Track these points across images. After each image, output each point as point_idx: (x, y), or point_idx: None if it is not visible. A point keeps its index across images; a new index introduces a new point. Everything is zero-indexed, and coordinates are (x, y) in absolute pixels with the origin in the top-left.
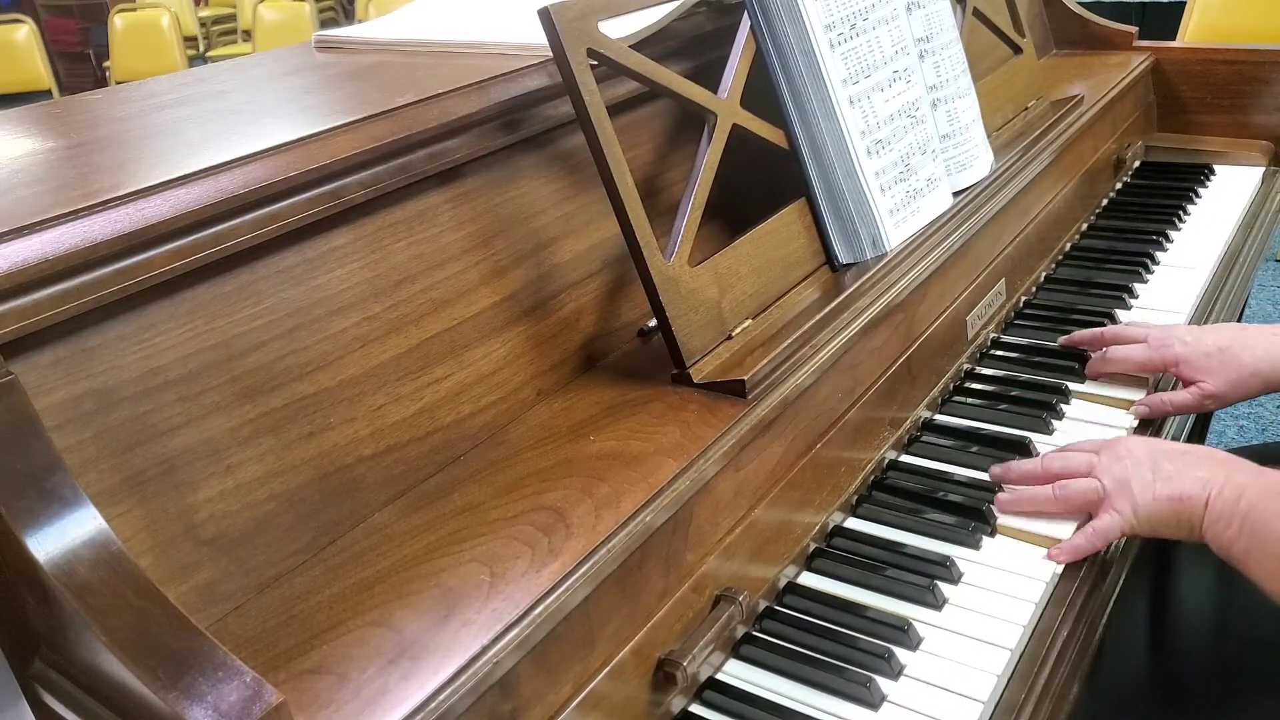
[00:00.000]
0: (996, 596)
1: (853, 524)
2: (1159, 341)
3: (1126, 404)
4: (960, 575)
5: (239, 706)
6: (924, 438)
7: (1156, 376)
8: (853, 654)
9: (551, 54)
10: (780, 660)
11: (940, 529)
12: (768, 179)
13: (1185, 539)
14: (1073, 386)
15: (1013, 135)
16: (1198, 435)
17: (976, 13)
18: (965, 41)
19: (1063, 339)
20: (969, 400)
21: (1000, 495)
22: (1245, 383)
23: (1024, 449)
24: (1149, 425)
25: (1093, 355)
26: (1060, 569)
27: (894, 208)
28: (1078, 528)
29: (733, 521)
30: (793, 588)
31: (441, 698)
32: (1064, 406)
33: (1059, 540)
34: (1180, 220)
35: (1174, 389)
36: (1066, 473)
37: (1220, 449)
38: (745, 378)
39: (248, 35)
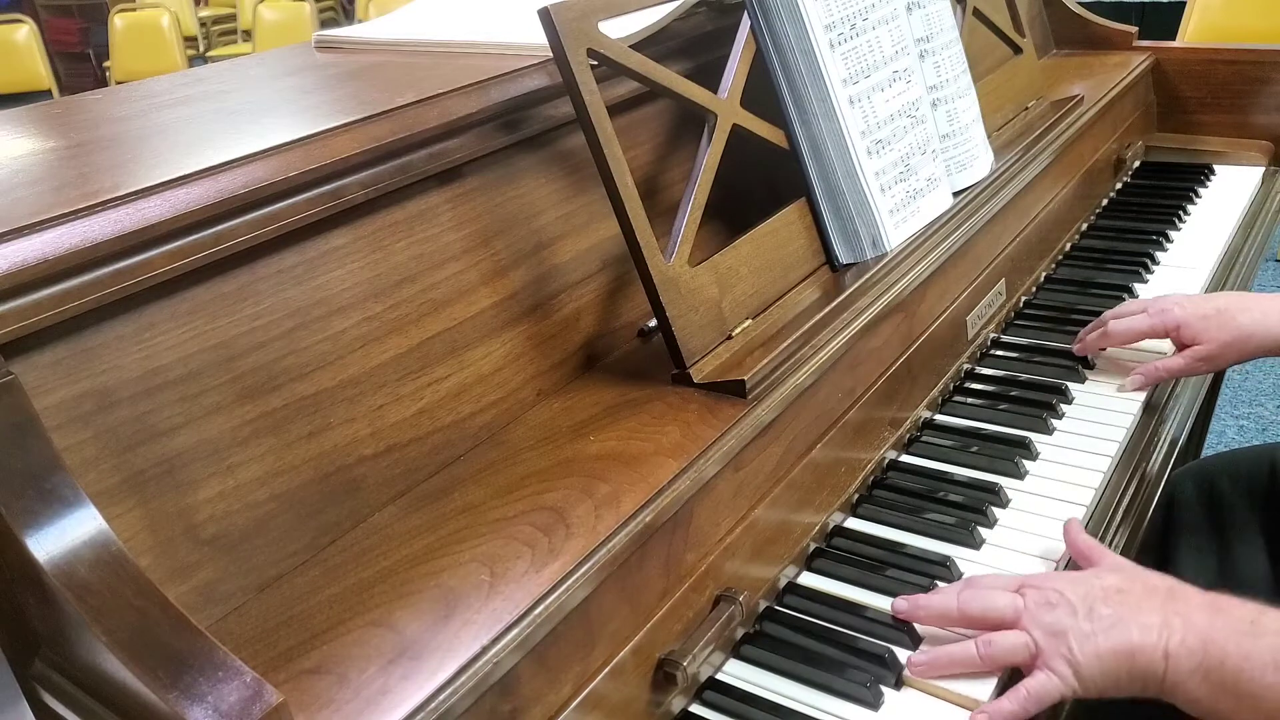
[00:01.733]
0: None
1: (853, 524)
2: (1158, 308)
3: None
4: (960, 575)
5: (239, 706)
6: (924, 437)
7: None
8: (853, 654)
9: (551, 54)
10: (780, 660)
11: (940, 529)
12: (768, 179)
13: (1140, 695)
14: (1073, 386)
15: (1013, 135)
16: (1198, 434)
17: (976, 13)
18: (965, 41)
19: (1075, 346)
20: (969, 400)
21: (914, 657)
22: (1239, 344)
23: (1025, 448)
24: (1153, 412)
25: (1087, 337)
26: (1058, 569)
27: (894, 208)
28: (998, 684)
29: (733, 521)
30: (793, 588)
31: (442, 698)
32: (1064, 406)
33: (976, 701)
34: (1180, 220)
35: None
36: (986, 619)
37: (1221, 449)
38: (745, 378)
39: (248, 35)
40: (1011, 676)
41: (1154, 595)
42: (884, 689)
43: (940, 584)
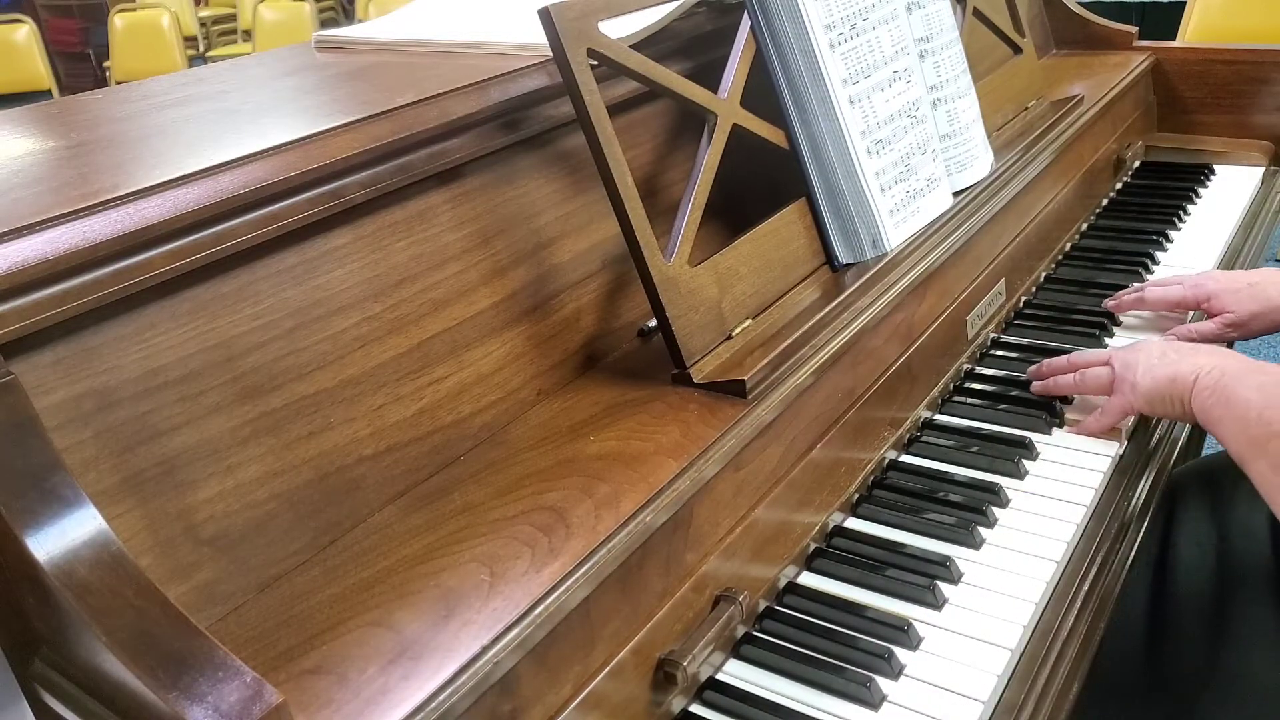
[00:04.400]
0: (997, 596)
1: (853, 524)
2: (1193, 281)
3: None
4: (960, 575)
5: (239, 706)
6: (924, 437)
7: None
8: (853, 654)
9: (551, 54)
10: (780, 660)
11: (940, 529)
12: (768, 179)
13: (1179, 417)
14: None
15: (1013, 135)
16: (1199, 434)
17: (976, 13)
18: (965, 41)
19: (1109, 303)
20: (969, 400)
21: (1034, 384)
22: (1269, 315)
23: (1025, 448)
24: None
25: (1123, 296)
26: (1058, 569)
27: (894, 208)
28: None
29: (733, 521)
30: (793, 588)
31: (442, 698)
32: (1064, 406)
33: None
34: (1180, 220)
35: None
36: (1087, 363)
37: (1220, 449)
38: (745, 378)
39: (248, 35)
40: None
41: (1214, 351)
42: (884, 685)
43: (940, 584)
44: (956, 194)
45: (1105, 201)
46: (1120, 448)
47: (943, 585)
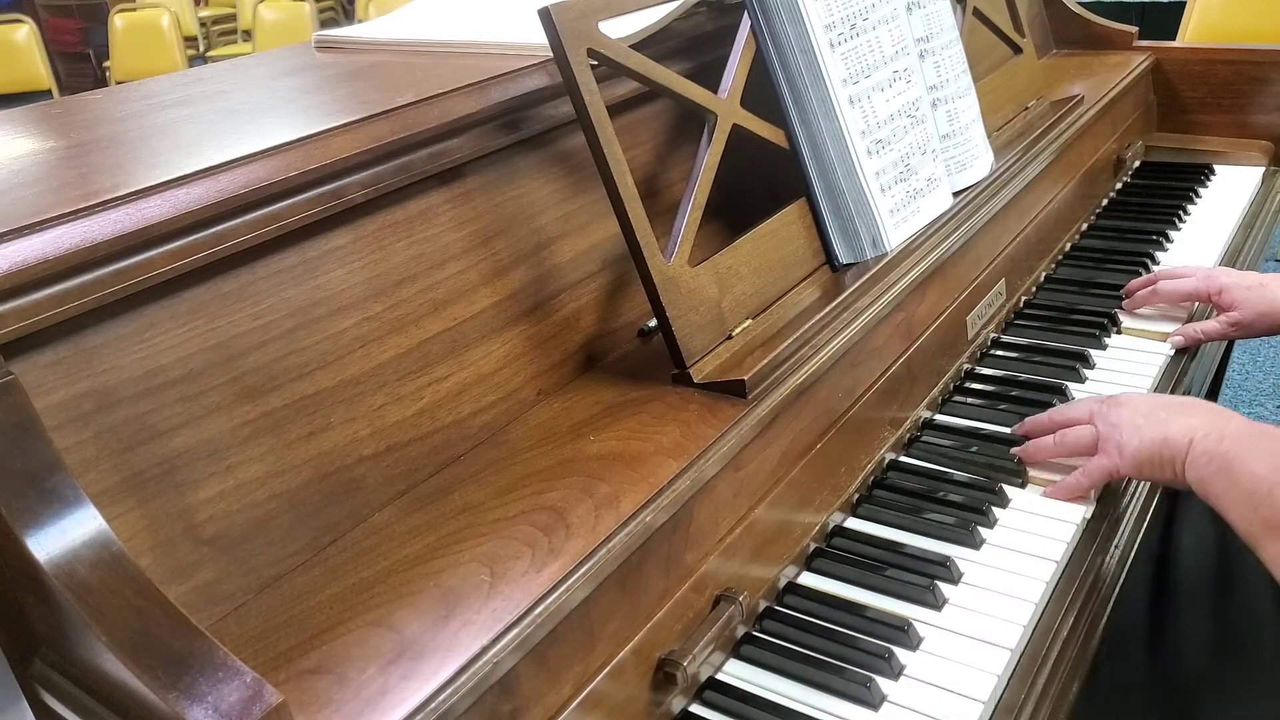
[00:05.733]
0: (996, 596)
1: (853, 524)
2: (1206, 273)
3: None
4: (960, 575)
5: (239, 706)
6: (924, 438)
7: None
8: (853, 654)
9: (551, 54)
10: (780, 660)
11: (940, 529)
12: (768, 179)
13: (1169, 482)
14: (1073, 386)
15: (1013, 135)
16: None
17: (976, 13)
18: (965, 41)
19: (1125, 299)
20: (969, 400)
21: (1015, 449)
22: (1273, 316)
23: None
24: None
25: (1137, 293)
26: (1058, 569)
27: (894, 208)
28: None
29: (733, 521)
30: (793, 588)
31: (442, 698)
32: None
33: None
34: (1180, 220)
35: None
36: (1069, 421)
37: None
38: (745, 378)
39: (248, 35)
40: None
41: (1207, 410)
42: (884, 685)
43: (940, 584)
44: (956, 194)
45: (1105, 201)
46: None
47: (943, 585)
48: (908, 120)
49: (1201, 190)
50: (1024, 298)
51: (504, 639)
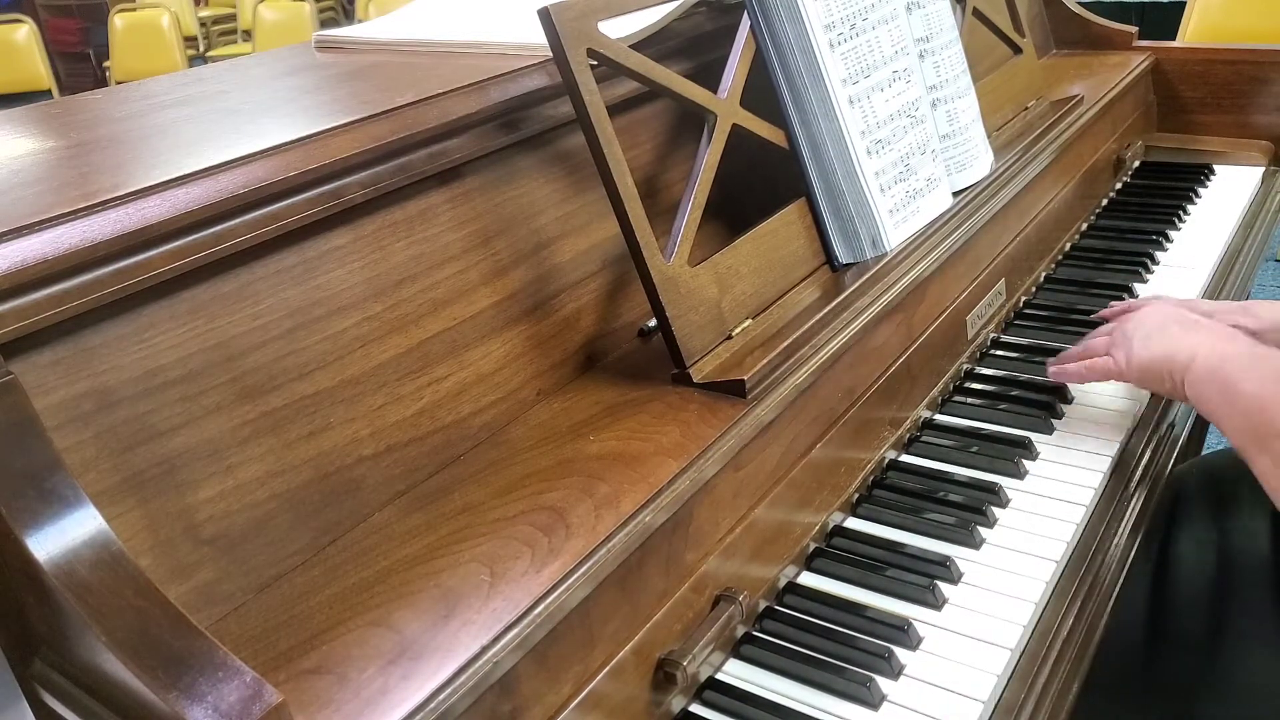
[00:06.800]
0: (996, 596)
1: (853, 524)
2: (1190, 304)
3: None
4: (960, 575)
5: (239, 706)
6: (924, 437)
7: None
8: (853, 654)
9: (551, 54)
10: (780, 660)
11: (940, 529)
12: (768, 179)
13: (1170, 394)
14: (1072, 386)
15: (1013, 135)
16: (1198, 434)
17: (976, 13)
18: (965, 41)
19: (1097, 315)
20: (969, 400)
21: (1049, 369)
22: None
23: (1025, 448)
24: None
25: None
26: (1058, 569)
27: (894, 207)
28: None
29: (733, 521)
30: (793, 588)
31: (441, 698)
32: (1064, 406)
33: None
34: (1180, 220)
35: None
36: (1095, 344)
37: (1221, 447)
38: (745, 378)
39: (248, 35)
40: None
41: (1216, 330)
42: (884, 685)
43: (940, 584)
44: (956, 194)
45: (1105, 201)
46: (1121, 446)
47: (943, 585)
48: (907, 120)
49: (1201, 190)
50: (1024, 298)
51: (504, 639)
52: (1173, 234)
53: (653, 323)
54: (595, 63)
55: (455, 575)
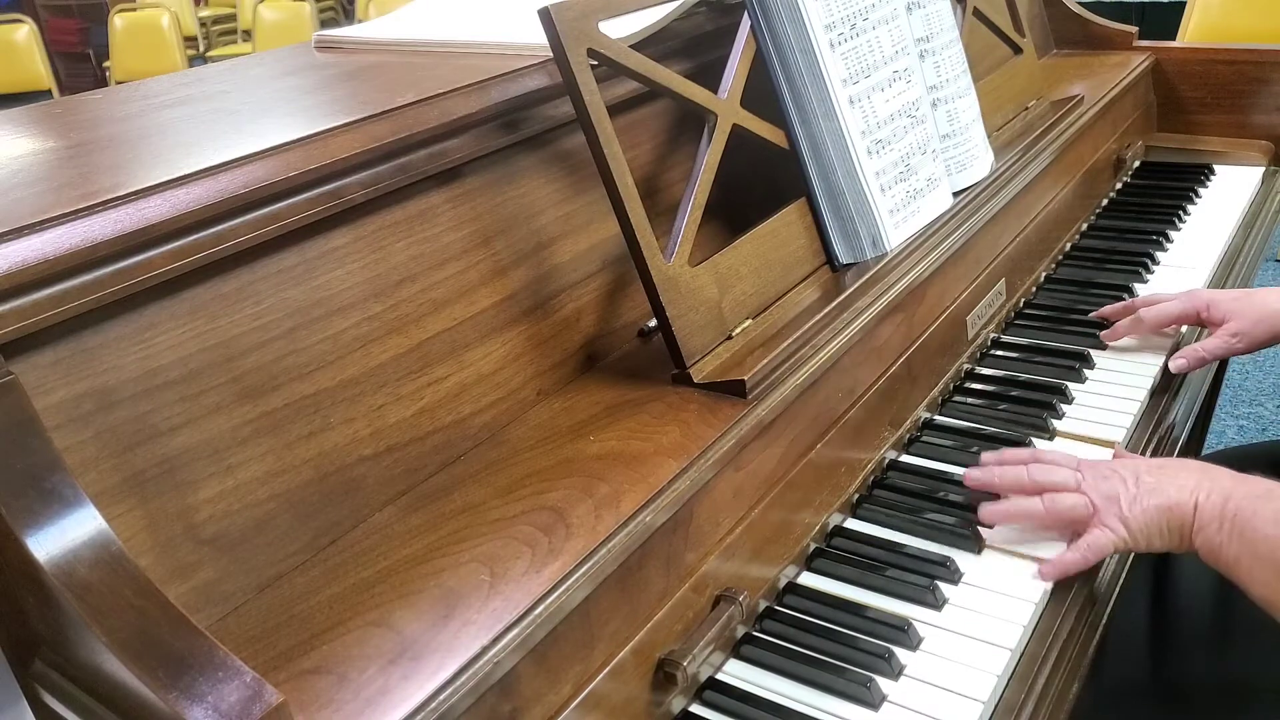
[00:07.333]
0: (997, 596)
1: (853, 524)
2: (1187, 293)
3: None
4: (960, 575)
5: (239, 706)
6: (924, 438)
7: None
8: (853, 654)
9: (551, 54)
10: (780, 660)
11: (940, 529)
12: (768, 179)
13: (1176, 549)
14: (1073, 386)
15: (1013, 135)
16: (1199, 434)
17: (976, 13)
18: (965, 41)
19: (1104, 334)
20: (969, 400)
21: (988, 505)
22: (1269, 320)
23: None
24: (1151, 414)
25: (1118, 324)
26: None
27: (894, 208)
28: (1068, 544)
29: (733, 521)
30: (793, 588)
31: (442, 698)
32: (1064, 406)
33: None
34: (1180, 220)
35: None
36: (1053, 487)
37: (1221, 448)
38: (745, 378)
39: (248, 35)
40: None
41: (1188, 467)
42: (884, 685)
43: (940, 584)
44: (956, 194)
45: (1105, 201)
46: (1120, 447)
47: (943, 585)
48: (908, 120)
49: (1201, 190)
50: (1024, 298)
51: (504, 639)
52: (1173, 234)
53: (653, 323)
54: (595, 63)
55: (455, 575)
